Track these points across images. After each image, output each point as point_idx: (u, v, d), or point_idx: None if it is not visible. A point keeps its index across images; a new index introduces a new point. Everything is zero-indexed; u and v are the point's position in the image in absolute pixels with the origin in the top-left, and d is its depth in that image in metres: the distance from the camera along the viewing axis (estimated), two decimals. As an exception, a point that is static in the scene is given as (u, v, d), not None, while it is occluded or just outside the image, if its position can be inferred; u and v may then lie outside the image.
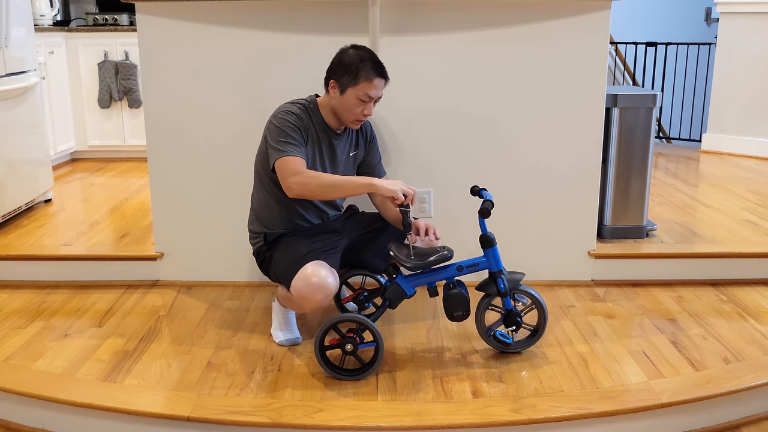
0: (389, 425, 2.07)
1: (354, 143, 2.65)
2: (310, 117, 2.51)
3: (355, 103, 2.44)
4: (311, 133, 2.50)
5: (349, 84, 2.42)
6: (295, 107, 2.49)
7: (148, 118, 3.03)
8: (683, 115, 6.73)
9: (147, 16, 2.94)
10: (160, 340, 2.61)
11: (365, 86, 2.41)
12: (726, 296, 3.01)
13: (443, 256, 2.33)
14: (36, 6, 5.17)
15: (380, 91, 2.47)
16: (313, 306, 2.30)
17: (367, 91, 2.42)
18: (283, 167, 2.36)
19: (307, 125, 2.49)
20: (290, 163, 2.36)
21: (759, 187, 4.38)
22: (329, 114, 2.53)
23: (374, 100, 2.47)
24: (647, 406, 2.16)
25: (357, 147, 2.66)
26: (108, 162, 5.38)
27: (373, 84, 2.42)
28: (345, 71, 2.42)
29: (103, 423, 2.18)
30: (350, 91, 2.43)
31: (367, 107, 2.47)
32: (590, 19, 2.93)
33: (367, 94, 2.42)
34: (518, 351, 2.50)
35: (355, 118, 2.48)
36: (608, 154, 3.28)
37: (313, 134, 2.51)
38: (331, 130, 2.55)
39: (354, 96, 2.43)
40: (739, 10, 5.25)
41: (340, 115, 2.50)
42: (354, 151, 2.65)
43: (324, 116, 2.53)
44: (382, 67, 2.46)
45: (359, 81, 2.41)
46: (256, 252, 2.59)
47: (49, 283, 3.17)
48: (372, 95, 2.44)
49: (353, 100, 2.43)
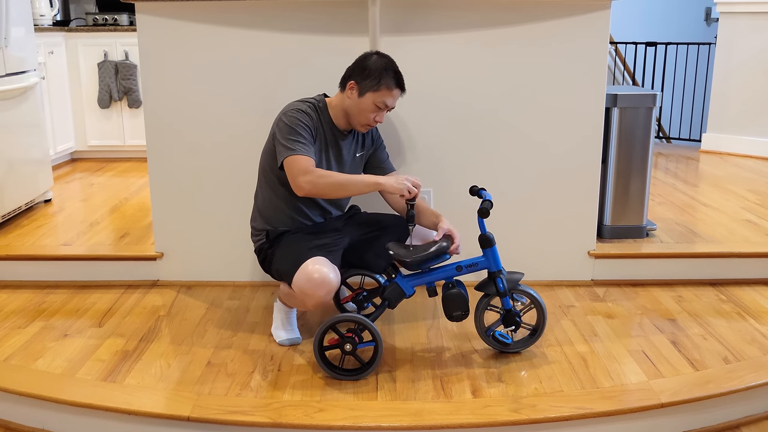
0: (389, 425, 2.07)
1: (361, 144, 2.66)
2: (319, 116, 2.52)
3: (370, 108, 2.47)
4: (319, 133, 2.51)
5: (370, 88, 2.45)
6: (305, 105, 2.50)
7: (148, 118, 3.03)
8: (683, 114, 6.73)
9: (147, 16, 2.94)
10: (160, 340, 2.61)
11: (385, 93, 2.45)
12: (726, 296, 3.01)
13: (441, 247, 2.34)
14: (36, 6, 5.17)
15: (396, 102, 2.52)
16: (315, 302, 2.30)
17: (386, 99, 2.46)
18: (292, 166, 2.37)
19: (317, 124, 2.50)
20: (300, 162, 2.36)
21: (759, 187, 4.38)
22: (339, 114, 2.54)
23: (388, 109, 2.51)
24: (647, 406, 2.16)
25: (364, 147, 2.68)
26: (108, 162, 5.38)
27: (392, 93, 2.47)
28: (368, 75, 2.45)
29: (103, 423, 2.18)
30: (369, 96, 2.45)
31: (380, 114, 2.50)
32: (590, 19, 2.93)
33: (385, 102, 2.47)
34: (517, 351, 2.50)
35: (366, 123, 2.51)
36: (608, 154, 3.28)
37: (321, 134, 2.52)
38: (338, 131, 2.56)
39: (372, 101, 2.46)
40: (738, 10, 5.25)
41: (352, 117, 2.52)
42: (361, 151, 2.66)
43: (333, 116, 2.55)
44: (403, 79, 2.50)
45: (381, 88, 2.44)
46: (258, 249, 2.60)
47: (49, 283, 3.17)
48: (389, 104, 2.48)
49: (370, 104, 2.46)
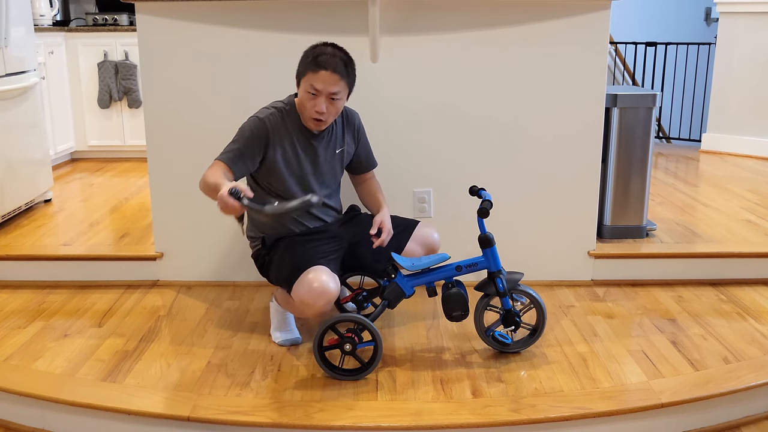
0: (389, 425, 2.07)
1: (340, 139, 2.58)
2: (283, 120, 2.46)
3: (305, 97, 2.38)
4: (281, 138, 2.45)
5: (300, 75, 2.39)
6: (267, 112, 2.45)
7: (148, 118, 3.04)
8: (683, 114, 6.73)
9: (147, 16, 2.94)
10: (159, 340, 2.61)
11: (310, 77, 2.35)
12: (726, 296, 3.01)
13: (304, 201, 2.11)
14: (36, 6, 5.17)
15: (329, 86, 2.34)
16: (314, 311, 2.29)
17: (312, 82, 2.34)
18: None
19: (276, 131, 2.44)
20: (210, 166, 2.35)
21: (759, 187, 4.38)
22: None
23: (327, 96, 2.36)
24: (647, 405, 2.16)
25: (344, 143, 2.60)
26: (108, 162, 5.38)
27: (318, 75, 2.33)
28: (300, 62, 2.41)
29: (103, 423, 2.18)
30: (301, 83, 2.39)
31: (318, 103, 2.36)
32: (590, 19, 2.93)
33: (313, 85, 2.34)
34: (517, 351, 2.50)
35: (309, 116, 2.41)
36: (608, 153, 3.28)
37: (285, 138, 2.46)
38: (308, 131, 2.49)
39: (303, 88, 2.38)
40: (738, 10, 5.25)
41: (300, 113, 2.46)
42: (340, 147, 2.58)
43: (301, 118, 2.49)
44: (338, 62, 2.35)
45: (306, 72, 2.36)
46: (255, 255, 2.59)
47: (49, 283, 3.17)
48: (318, 88, 2.33)
49: (303, 92, 2.39)
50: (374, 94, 2.97)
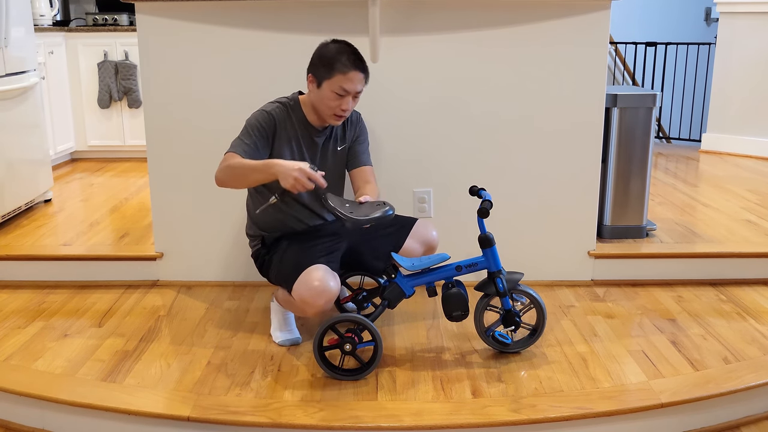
0: (389, 425, 2.07)
1: (341, 137, 2.60)
2: (288, 115, 2.48)
3: (330, 97, 2.39)
4: (288, 132, 2.47)
5: (325, 77, 2.38)
6: (272, 106, 2.47)
7: (148, 118, 3.04)
8: (683, 115, 6.73)
9: (147, 16, 2.94)
10: (159, 340, 2.61)
11: (340, 79, 2.37)
12: (726, 296, 3.01)
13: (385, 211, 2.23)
14: (36, 6, 5.17)
15: (357, 85, 2.40)
16: (315, 310, 2.29)
17: (343, 84, 2.37)
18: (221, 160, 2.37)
19: (283, 124, 2.46)
20: (225, 157, 2.35)
21: (759, 187, 4.38)
22: (310, 111, 2.50)
23: (352, 95, 2.41)
24: (647, 405, 2.16)
25: (345, 140, 2.62)
26: (108, 162, 5.38)
27: (348, 77, 2.37)
28: (321, 65, 2.39)
29: (103, 423, 2.18)
30: (326, 85, 2.39)
31: (345, 102, 2.40)
32: (590, 19, 2.93)
33: (343, 87, 2.37)
34: (517, 351, 2.50)
35: (332, 113, 2.43)
36: (608, 153, 3.28)
37: (291, 132, 2.47)
38: (312, 128, 2.51)
39: (329, 89, 2.38)
40: (738, 10, 5.25)
41: (317, 110, 2.46)
42: (342, 144, 2.60)
43: (306, 113, 2.50)
44: (360, 61, 2.40)
45: (334, 74, 2.37)
46: (255, 255, 2.59)
47: (49, 283, 3.17)
48: (348, 89, 2.38)
49: (329, 93, 2.39)
50: (374, 94, 2.96)
